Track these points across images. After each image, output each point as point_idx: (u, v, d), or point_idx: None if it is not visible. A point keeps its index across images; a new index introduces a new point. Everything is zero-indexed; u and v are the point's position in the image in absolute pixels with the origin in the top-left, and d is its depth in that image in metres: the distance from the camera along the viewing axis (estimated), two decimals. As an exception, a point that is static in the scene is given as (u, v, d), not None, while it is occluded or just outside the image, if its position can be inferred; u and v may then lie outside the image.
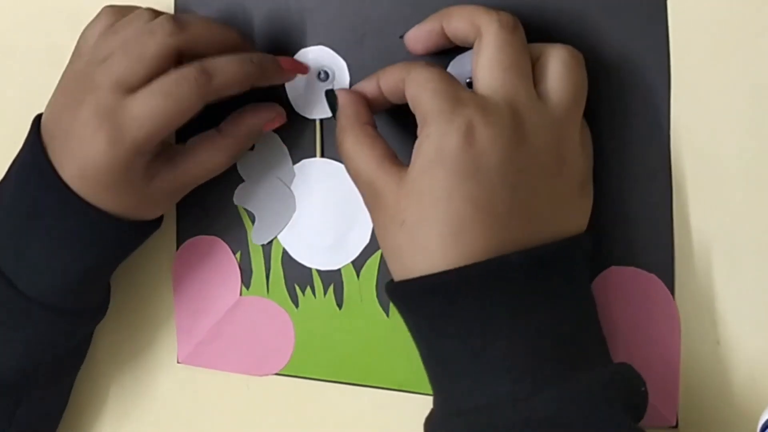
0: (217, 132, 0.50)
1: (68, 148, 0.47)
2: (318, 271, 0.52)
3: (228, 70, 0.46)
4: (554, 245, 0.42)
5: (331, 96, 0.47)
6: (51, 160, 0.47)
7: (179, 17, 0.47)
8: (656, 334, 0.46)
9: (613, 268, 0.47)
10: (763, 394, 0.45)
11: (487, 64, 0.43)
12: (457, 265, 0.41)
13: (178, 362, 0.56)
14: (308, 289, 0.53)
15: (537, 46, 0.44)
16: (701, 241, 0.46)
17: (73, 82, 0.48)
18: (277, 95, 0.52)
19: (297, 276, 0.53)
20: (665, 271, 0.46)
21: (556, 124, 0.43)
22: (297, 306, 0.53)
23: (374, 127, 0.46)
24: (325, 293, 0.52)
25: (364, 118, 0.46)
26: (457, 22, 0.44)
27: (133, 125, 0.45)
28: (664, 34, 0.45)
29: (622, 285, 0.47)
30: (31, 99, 0.60)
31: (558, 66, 0.43)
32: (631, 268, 0.47)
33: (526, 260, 0.41)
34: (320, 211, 0.52)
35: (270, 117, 0.50)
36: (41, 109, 0.59)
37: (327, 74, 0.51)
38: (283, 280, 0.53)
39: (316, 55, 0.51)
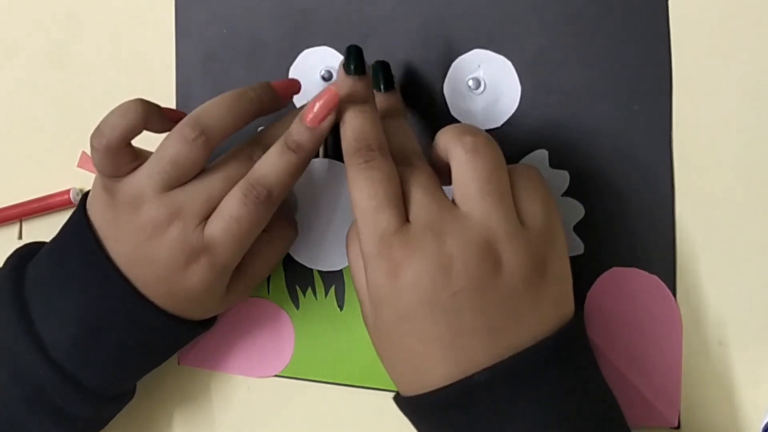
0: (265, 233, 0.50)
1: (158, 275, 0.47)
2: (319, 272, 0.52)
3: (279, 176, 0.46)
4: (518, 355, 0.40)
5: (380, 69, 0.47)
6: (132, 282, 0.47)
7: (198, 123, 0.45)
8: (658, 335, 0.46)
9: (615, 269, 0.47)
10: (766, 395, 0.45)
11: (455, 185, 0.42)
12: (419, 393, 0.41)
13: (178, 364, 0.56)
14: (309, 290, 0.53)
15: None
16: (703, 241, 0.46)
17: (133, 201, 0.47)
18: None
19: (298, 277, 0.53)
20: (667, 272, 0.46)
21: (476, 230, 0.41)
22: (298, 307, 0.53)
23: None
24: (326, 294, 0.52)
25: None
26: (436, 149, 0.43)
27: (219, 250, 0.46)
28: (666, 34, 0.45)
29: (623, 286, 0.47)
30: (31, 99, 0.60)
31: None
32: (633, 269, 0.47)
33: (492, 376, 0.40)
34: (322, 211, 0.52)
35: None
36: (40, 109, 0.59)
37: (330, 74, 0.51)
38: (284, 281, 0.53)
39: (319, 55, 0.51)
